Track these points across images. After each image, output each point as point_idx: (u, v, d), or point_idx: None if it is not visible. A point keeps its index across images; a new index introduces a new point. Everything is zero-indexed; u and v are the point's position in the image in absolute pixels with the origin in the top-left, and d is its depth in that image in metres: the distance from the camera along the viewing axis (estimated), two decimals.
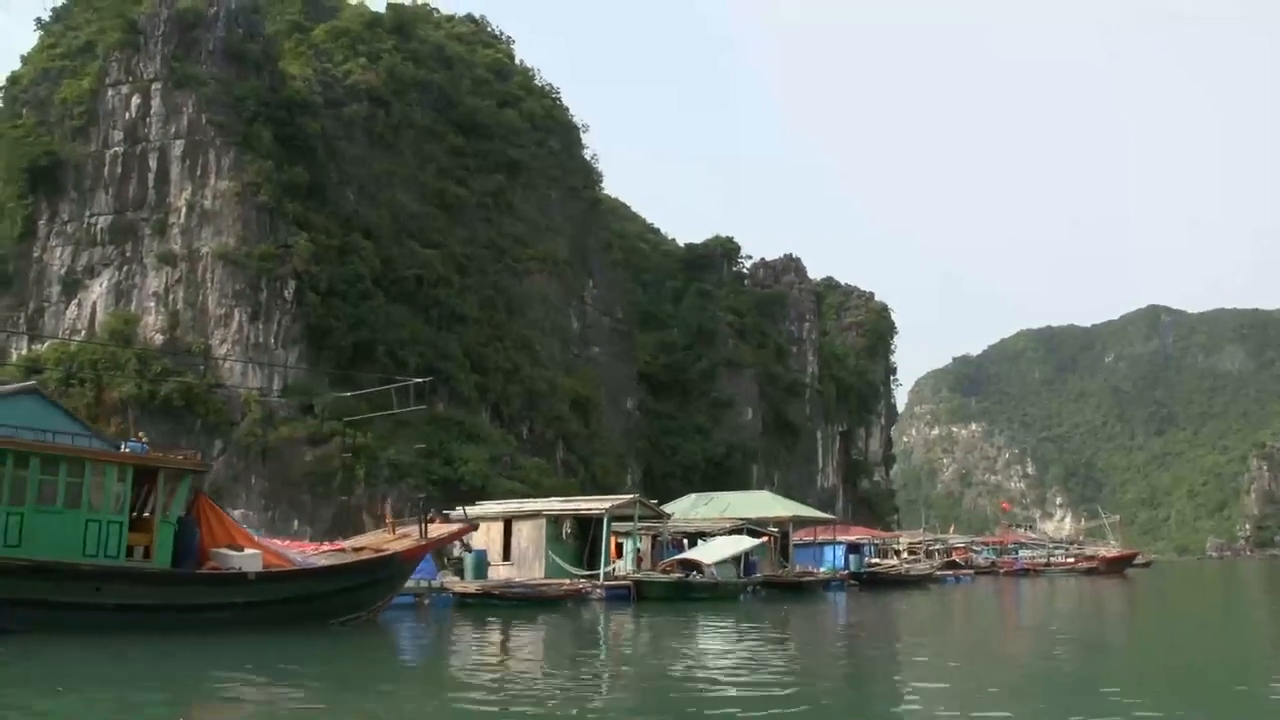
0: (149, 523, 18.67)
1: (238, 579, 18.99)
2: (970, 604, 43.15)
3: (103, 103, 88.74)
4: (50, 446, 18.00)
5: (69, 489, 17.62)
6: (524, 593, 29.27)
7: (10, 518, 16.88)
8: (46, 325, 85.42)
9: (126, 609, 17.35)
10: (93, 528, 17.70)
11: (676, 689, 13.73)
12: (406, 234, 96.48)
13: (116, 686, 13.17)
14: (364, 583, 21.56)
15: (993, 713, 11.83)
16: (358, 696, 12.87)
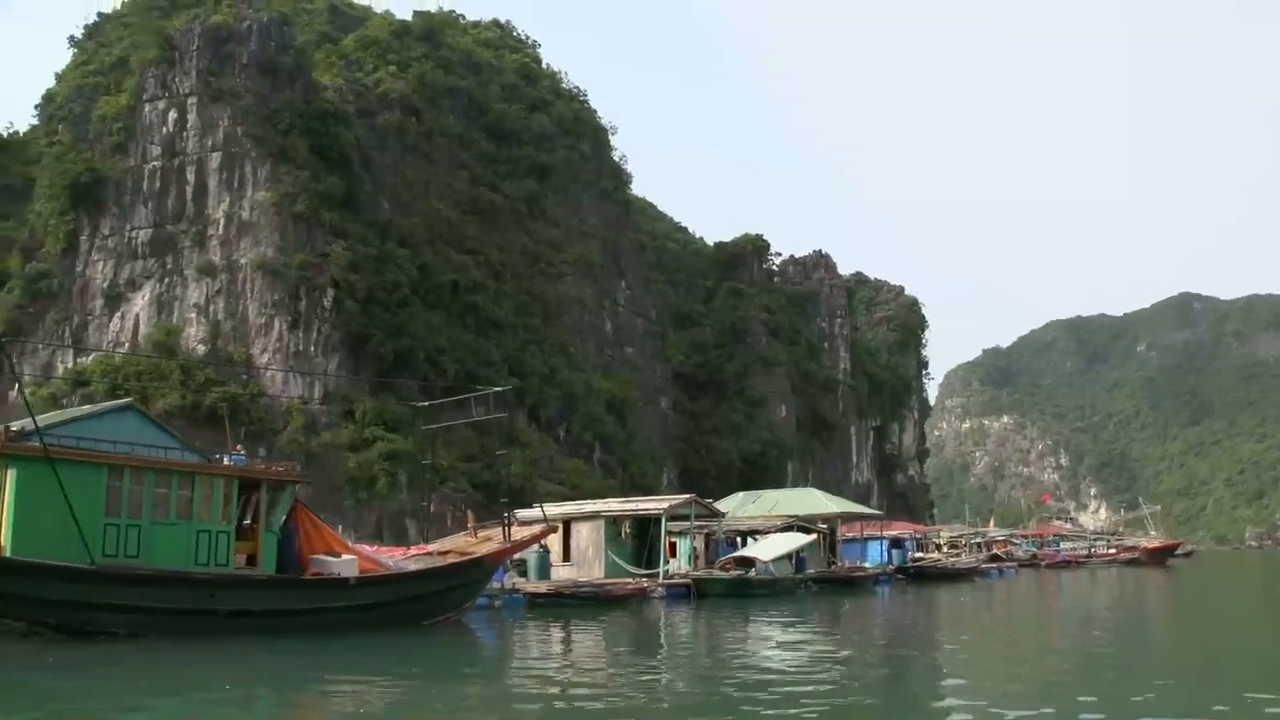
0: (253, 532, 19.39)
1: (339, 584, 19.71)
2: (1022, 597, 43.16)
3: (140, 118, 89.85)
4: (164, 462, 18.76)
5: (180, 501, 18.35)
6: (593, 592, 29.95)
7: (129, 529, 17.63)
8: (90, 338, 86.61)
9: (238, 614, 18.11)
10: (203, 537, 18.41)
11: (768, 679, 14.04)
12: (441, 241, 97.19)
13: (249, 685, 13.91)
14: (454, 585, 22.35)
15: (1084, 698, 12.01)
16: (458, 692, 13.41)
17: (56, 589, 16.40)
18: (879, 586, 45.00)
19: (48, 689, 13.25)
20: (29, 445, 16.77)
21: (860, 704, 12.55)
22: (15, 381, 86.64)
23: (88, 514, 16.79)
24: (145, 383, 79.67)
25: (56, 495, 16.36)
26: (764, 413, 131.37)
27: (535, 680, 14.97)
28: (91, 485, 17.07)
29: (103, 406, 22.22)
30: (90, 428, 18.24)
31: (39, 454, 16.61)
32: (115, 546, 17.18)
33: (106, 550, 17.02)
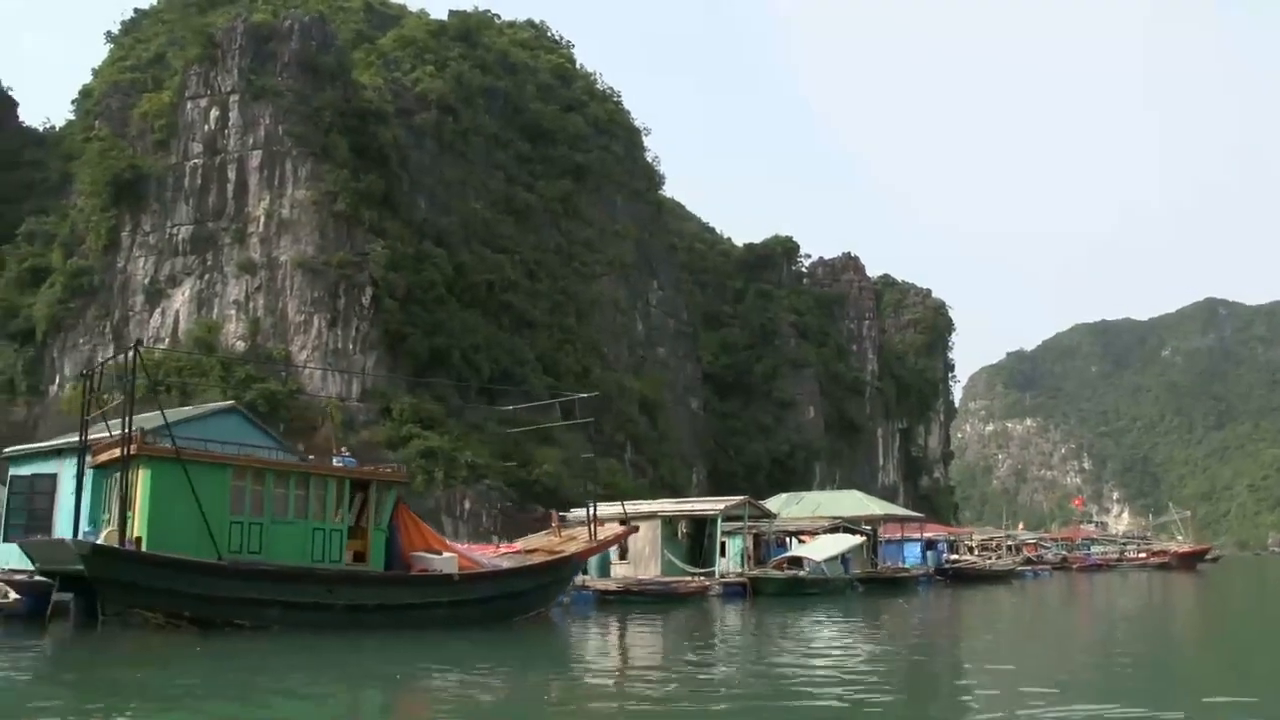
0: (362, 530, 20.02)
1: (444, 580, 20.41)
2: (1065, 599, 43.47)
3: (182, 116, 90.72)
4: (283, 463, 19.60)
5: (298, 501, 19.15)
6: (658, 590, 30.88)
7: (252, 526, 18.42)
8: (131, 334, 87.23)
9: (353, 609, 18.73)
10: (318, 535, 19.19)
11: (850, 672, 14.50)
12: (477, 240, 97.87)
13: (364, 676, 14.60)
14: (546, 582, 23.15)
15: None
16: (556, 684, 14.07)
17: (191, 583, 17.09)
18: (921, 587, 45.58)
19: (205, 674, 14.10)
20: (162, 447, 17.44)
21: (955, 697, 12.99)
22: (60, 380, 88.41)
23: (215, 512, 17.51)
24: (185, 379, 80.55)
25: (186, 494, 17.07)
26: (792, 414, 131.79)
27: (624, 672, 15.81)
28: (218, 485, 17.82)
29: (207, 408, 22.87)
30: (196, 428, 18.89)
31: (170, 455, 17.31)
32: (239, 543, 17.93)
33: (232, 547, 17.75)
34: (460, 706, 12.00)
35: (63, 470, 21.69)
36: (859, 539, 42.18)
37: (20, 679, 13.95)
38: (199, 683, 13.52)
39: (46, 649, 16.67)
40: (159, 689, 13.01)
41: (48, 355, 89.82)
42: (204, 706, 11.88)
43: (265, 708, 11.82)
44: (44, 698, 12.25)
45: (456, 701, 12.35)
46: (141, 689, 13.03)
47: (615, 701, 12.69)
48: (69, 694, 12.56)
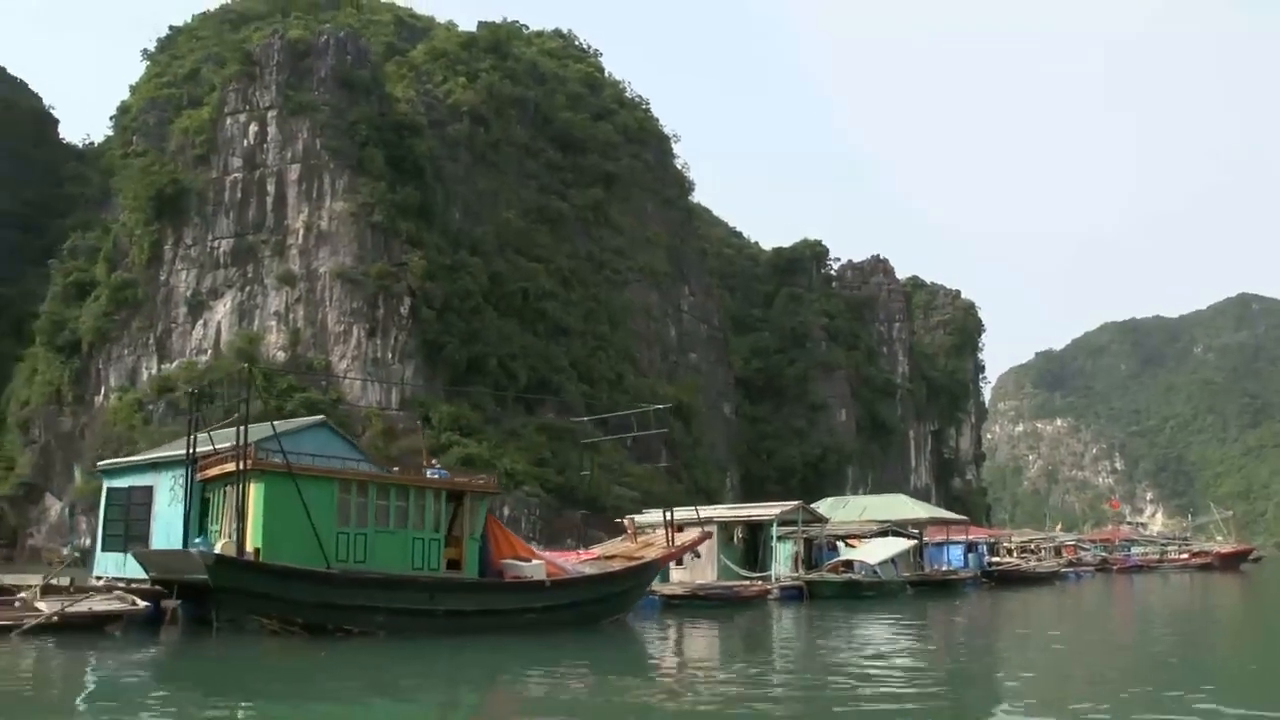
0: (457, 539, 21.03)
1: (536, 586, 21.39)
2: (1112, 600, 43.74)
3: (222, 131, 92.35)
4: (384, 476, 20.70)
5: (398, 511, 20.11)
6: (722, 594, 31.73)
7: (357, 537, 19.41)
8: (174, 345, 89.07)
9: (453, 614, 19.73)
10: (417, 544, 20.17)
11: (939, 669, 15.18)
12: (511, 249, 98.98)
13: (464, 677, 15.60)
14: (629, 587, 24.14)
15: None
16: (645, 684, 14.83)
17: (305, 591, 18.09)
18: (967, 589, 46.08)
19: (329, 674, 15.13)
20: (274, 462, 18.46)
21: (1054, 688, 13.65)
22: (106, 391, 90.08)
23: (323, 523, 18.51)
24: (228, 389, 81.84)
25: (297, 506, 18.08)
26: (824, 417, 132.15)
27: (708, 670, 16.64)
28: (325, 497, 18.83)
29: (299, 423, 23.83)
30: (289, 442, 19.75)
31: (282, 470, 18.35)
32: (346, 553, 18.92)
33: (339, 556, 18.73)
34: (557, 703, 12.83)
35: (159, 483, 22.70)
36: (911, 542, 42.83)
37: (162, 676, 15.16)
38: (324, 680, 14.59)
39: (171, 651, 17.75)
40: (288, 685, 14.12)
41: (93, 366, 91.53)
42: (333, 699, 12.90)
43: (389, 702, 12.95)
44: (186, 691, 13.44)
45: (553, 699, 13.20)
46: (270, 686, 14.15)
47: (705, 696, 13.51)
48: (208, 689, 13.67)
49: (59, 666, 15.60)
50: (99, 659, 16.14)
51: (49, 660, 15.76)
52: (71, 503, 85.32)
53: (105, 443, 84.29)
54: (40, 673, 14.99)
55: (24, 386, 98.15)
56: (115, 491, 23.95)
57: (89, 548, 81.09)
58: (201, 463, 21.08)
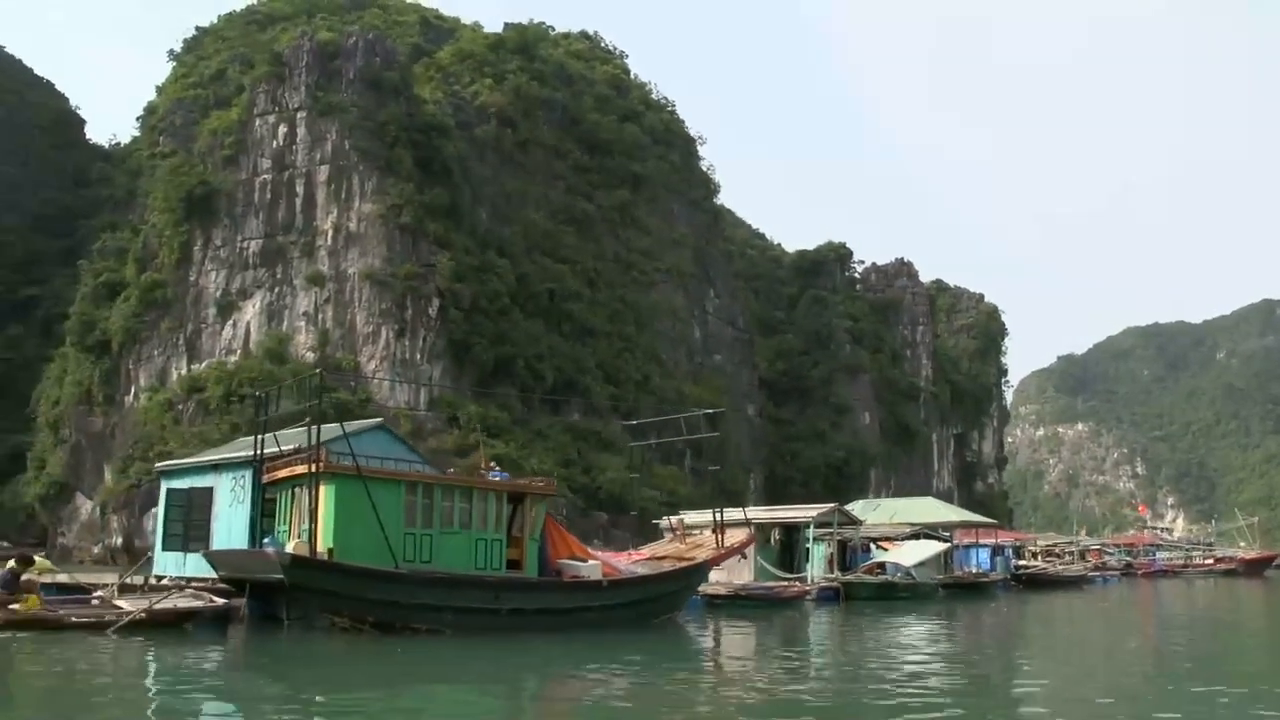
0: (517, 540, 21.25)
1: (595, 586, 21.68)
2: (1142, 604, 43.75)
3: (251, 132, 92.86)
4: (448, 479, 21.04)
5: (461, 513, 20.41)
6: (763, 594, 32.08)
7: (423, 537, 19.67)
8: (204, 345, 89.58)
9: (516, 613, 20.04)
10: (480, 545, 20.45)
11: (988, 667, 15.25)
12: (539, 251, 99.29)
13: (529, 672, 15.96)
14: (681, 587, 24.55)
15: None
16: (697, 680, 15.17)
17: (376, 590, 18.39)
18: (997, 591, 46.22)
19: (404, 669, 15.50)
20: (344, 465, 18.70)
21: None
22: (136, 391, 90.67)
23: (391, 524, 18.77)
24: (258, 389, 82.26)
25: (367, 508, 18.33)
26: (848, 420, 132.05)
27: (757, 669, 17.04)
28: (393, 499, 19.10)
29: (359, 425, 24.10)
30: (352, 444, 19.98)
31: (352, 472, 18.59)
32: (413, 553, 19.21)
33: (406, 556, 19.01)
34: (619, 698, 13.16)
35: (219, 484, 22.94)
36: (944, 545, 43.04)
37: (247, 670, 15.79)
38: (402, 674, 14.93)
39: (253, 647, 18.19)
40: (371, 678, 14.49)
41: (123, 367, 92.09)
42: (413, 692, 13.33)
43: (462, 694, 13.51)
44: (273, 685, 14.08)
45: (613, 694, 13.53)
46: (350, 679, 14.65)
47: (762, 692, 13.77)
48: (294, 682, 14.26)
49: (169, 660, 16.09)
50: (196, 654, 16.66)
51: (154, 654, 16.20)
52: (103, 502, 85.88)
53: (136, 443, 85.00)
54: (161, 665, 15.57)
55: (54, 386, 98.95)
56: (175, 493, 24.21)
57: (118, 547, 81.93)
58: (268, 465, 21.32)
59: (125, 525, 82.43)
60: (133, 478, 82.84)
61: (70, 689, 12.81)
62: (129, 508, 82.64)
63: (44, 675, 13.92)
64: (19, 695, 12.34)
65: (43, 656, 15.18)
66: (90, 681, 13.44)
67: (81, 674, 14.05)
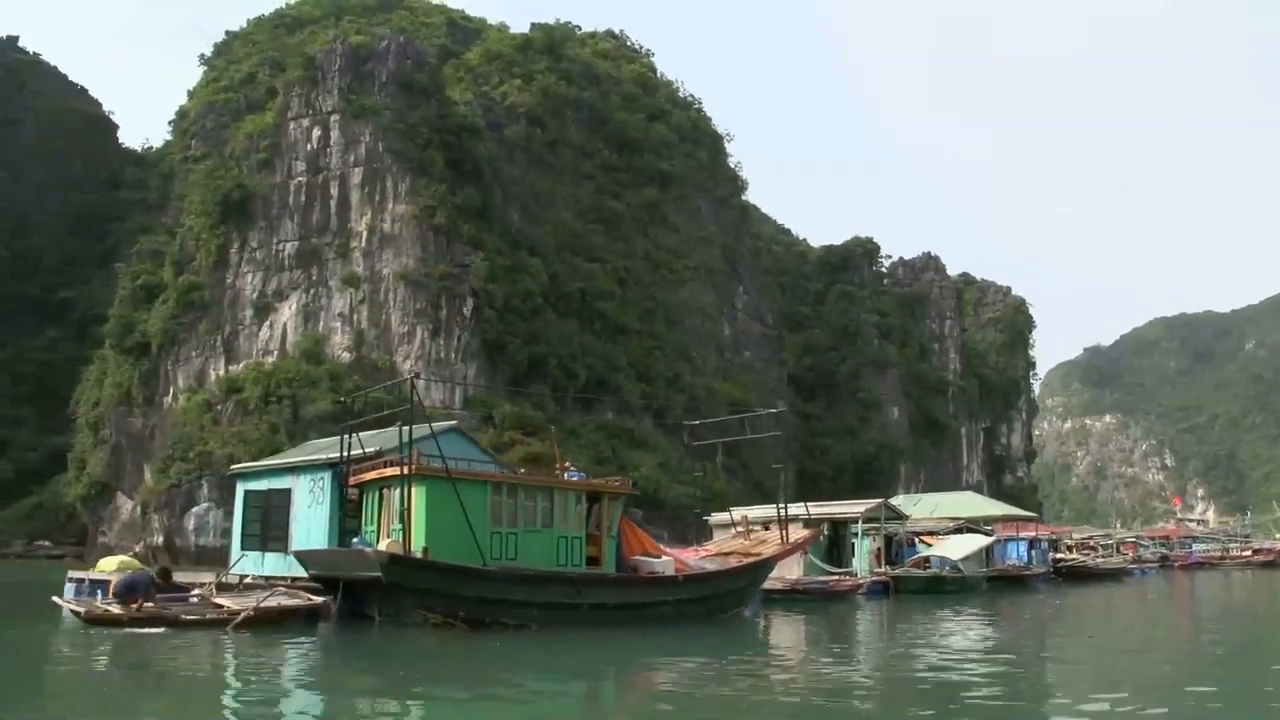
0: (595, 537, 22.07)
1: (670, 581, 22.46)
2: (1187, 596, 43.99)
3: (285, 136, 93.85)
4: (531, 479, 21.85)
5: (544, 512, 21.22)
6: (819, 589, 32.85)
7: (509, 536, 20.46)
8: (241, 347, 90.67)
9: (598, 608, 20.87)
10: (561, 543, 21.26)
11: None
12: (569, 250, 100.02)
13: (607, 664, 16.72)
14: (750, 582, 25.39)
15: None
16: (774, 673, 15.70)
17: (467, 587, 19.20)
18: (1040, 585, 46.66)
19: (500, 662, 16.14)
20: (434, 467, 19.51)
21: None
22: (175, 392, 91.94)
23: (479, 523, 19.54)
24: (296, 389, 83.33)
25: (456, 508, 19.12)
26: (877, 415, 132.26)
27: (825, 659, 17.68)
28: (480, 499, 19.89)
29: (434, 428, 24.83)
30: (427, 447, 20.73)
31: (442, 474, 19.40)
32: (499, 551, 20.01)
33: (493, 554, 19.79)
34: (701, 688, 13.83)
35: (297, 485, 23.72)
36: (989, 539, 43.59)
37: (347, 665, 16.51)
38: (501, 666, 15.70)
39: (354, 643, 18.95)
40: (476, 669, 15.31)
41: (162, 368, 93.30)
42: (511, 682, 14.07)
43: (559, 683, 14.40)
44: (377, 678, 14.71)
45: (696, 682, 14.26)
46: (458, 670, 15.52)
47: (837, 680, 14.45)
48: (412, 674, 15.03)
49: (290, 654, 16.91)
50: (309, 649, 17.54)
51: (273, 649, 17.00)
52: (143, 501, 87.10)
53: (176, 443, 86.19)
54: (288, 659, 16.41)
55: (93, 388, 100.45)
56: (253, 494, 24.99)
57: (160, 546, 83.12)
58: (355, 467, 22.10)
59: (166, 524, 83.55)
60: (173, 477, 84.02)
61: (222, 681, 13.94)
62: (170, 507, 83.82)
63: (198, 669, 14.97)
64: (193, 689, 13.30)
65: (181, 652, 16.10)
66: (243, 675, 14.61)
67: (225, 667, 15.09)
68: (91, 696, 12.49)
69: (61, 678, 13.51)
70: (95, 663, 15.25)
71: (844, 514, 38.43)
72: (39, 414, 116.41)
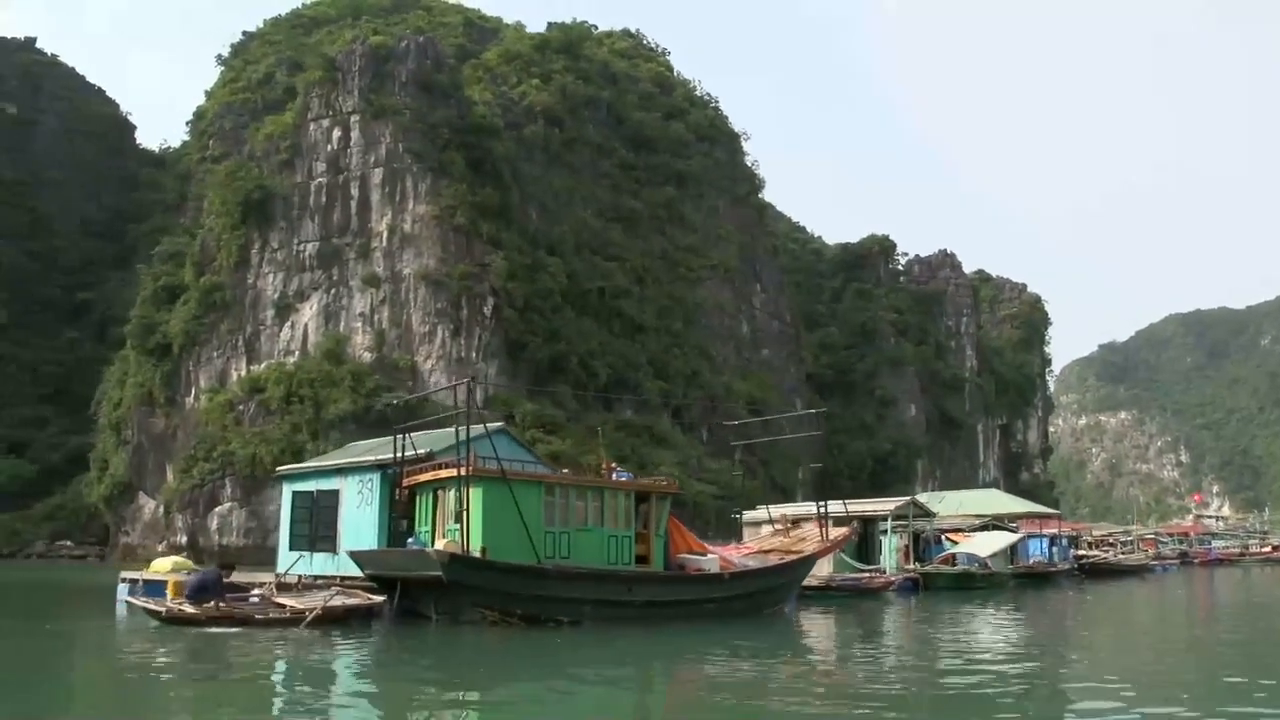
0: (644, 536, 22.50)
1: (716, 579, 22.84)
2: (1214, 591, 44.09)
3: (305, 136, 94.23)
4: (582, 480, 22.26)
5: (594, 511, 21.64)
6: (852, 585, 33.30)
7: (561, 535, 20.87)
8: (262, 347, 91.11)
9: (648, 604, 21.29)
10: (611, 541, 21.69)
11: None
12: (588, 249, 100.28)
13: (658, 659, 17.09)
14: (792, 579, 25.87)
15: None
16: (817, 666, 16.18)
17: (524, 585, 19.62)
18: (1064, 581, 46.83)
19: (563, 655, 16.77)
20: (490, 469, 19.86)
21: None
22: (196, 392, 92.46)
23: (534, 523, 19.89)
24: (317, 389, 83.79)
25: (511, 508, 19.49)
26: (894, 412, 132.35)
27: (866, 655, 18.07)
28: (534, 500, 20.24)
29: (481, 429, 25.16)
30: (480, 448, 21.05)
31: (498, 475, 19.75)
32: (552, 549, 20.39)
33: (547, 553, 20.15)
34: (746, 679, 14.23)
35: (345, 487, 24.04)
36: (1016, 536, 43.87)
37: (422, 660, 16.91)
38: (567, 659, 16.26)
39: (417, 639, 19.24)
40: (539, 664, 15.80)
41: (183, 368, 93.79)
42: (581, 674, 14.57)
43: (615, 674, 14.90)
44: (448, 672, 15.38)
45: (744, 675, 14.68)
46: (522, 665, 15.81)
47: (881, 672, 14.77)
48: (467, 669, 15.53)
49: (363, 651, 17.36)
50: (376, 646, 17.97)
51: (341, 647, 17.36)
52: (166, 501, 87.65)
53: (198, 443, 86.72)
54: (363, 656, 16.91)
55: (115, 388, 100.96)
56: (300, 495, 25.30)
57: (183, 546, 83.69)
58: (409, 468, 22.43)
59: (190, 524, 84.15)
60: (196, 477, 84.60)
61: (319, 676, 14.47)
62: (193, 507, 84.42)
63: (296, 665, 15.43)
64: (296, 684, 13.77)
65: (263, 650, 16.50)
66: (333, 670, 15.17)
67: (313, 664, 15.58)
68: (209, 696, 12.83)
69: (172, 682, 13.78)
70: (198, 662, 15.59)
71: (874, 511, 38.73)
72: (59, 414, 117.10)
